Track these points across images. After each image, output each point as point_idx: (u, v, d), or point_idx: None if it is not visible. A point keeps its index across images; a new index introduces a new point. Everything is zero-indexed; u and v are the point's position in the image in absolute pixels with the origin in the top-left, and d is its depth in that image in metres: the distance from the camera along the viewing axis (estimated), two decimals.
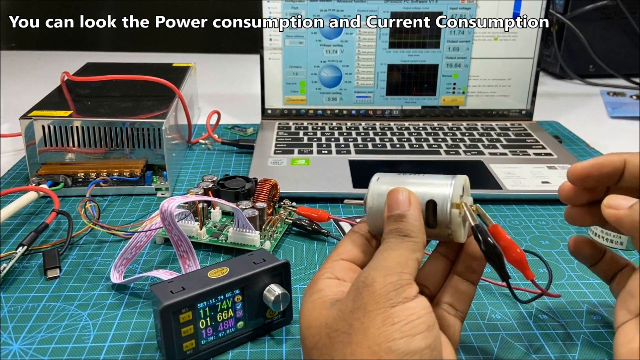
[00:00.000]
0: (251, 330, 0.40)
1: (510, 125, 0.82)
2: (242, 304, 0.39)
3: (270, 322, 0.41)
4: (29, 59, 1.32)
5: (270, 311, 0.40)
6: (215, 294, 0.37)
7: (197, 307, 0.36)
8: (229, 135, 0.81)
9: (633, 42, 1.14)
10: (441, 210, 0.33)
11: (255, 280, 0.39)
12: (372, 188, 0.35)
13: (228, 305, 0.38)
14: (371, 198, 0.35)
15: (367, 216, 0.35)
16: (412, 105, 0.83)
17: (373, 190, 0.35)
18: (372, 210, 0.35)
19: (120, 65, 0.86)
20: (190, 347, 0.37)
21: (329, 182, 0.63)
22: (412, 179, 0.35)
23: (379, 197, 0.35)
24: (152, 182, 0.62)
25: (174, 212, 0.42)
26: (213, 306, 0.37)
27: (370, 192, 0.35)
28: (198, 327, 0.37)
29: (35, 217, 0.57)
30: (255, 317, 0.40)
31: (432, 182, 0.34)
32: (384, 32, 0.79)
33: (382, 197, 0.35)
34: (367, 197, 0.35)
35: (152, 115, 0.62)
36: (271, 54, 0.80)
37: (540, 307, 0.44)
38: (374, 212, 0.35)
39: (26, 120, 0.60)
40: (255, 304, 0.39)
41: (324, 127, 0.80)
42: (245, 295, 0.39)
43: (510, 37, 0.80)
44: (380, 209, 0.34)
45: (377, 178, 0.36)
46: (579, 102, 1.04)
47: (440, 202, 0.33)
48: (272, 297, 0.39)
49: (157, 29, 1.42)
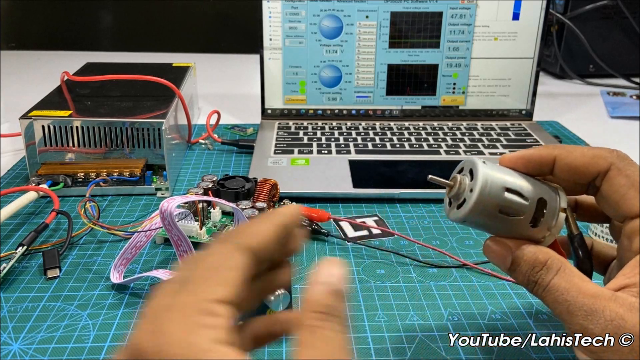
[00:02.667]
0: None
1: (511, 125, 0.82)
2: None
3: None
4: (29, 58, 1.32)
5: (269, 311, 0.40)
6: None
7: None
8: (229, 135, 0.81)
9: (633, 42, 1.14)
10: (551, 210, 0.32)
11: None
12: (482, 171, 0.30)
13: None
14: (484, 184, 0.30)
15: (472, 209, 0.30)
16: (412, 105, 0.83)
17: (486, 175, 0.30)
18: (483, 200, 0.30)
19: (120, 65, 0.86)
20: None
21: (329, 182, 0.63)
22: (518, 174, 0.32)
23: (496, 187, 0.30)
24: (152, 182, 0.62)
25: (173, 212, 0.42)
26: None
27: (483, 176, 0.30)
28: None
29: (35, 217, 0.57)
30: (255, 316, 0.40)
31: (541, 184, 0.33)
32: (384, 32, 0.79)
33: (499, 189, 0.30)
34: (479, 181, 0.30)
35: (152, 115, 0.62)
36: (271, 54, 0.80)
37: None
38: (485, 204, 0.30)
39: (26, 120, 0.60)
40: None
41: (324, 127, 0.80)
42: None
43: (510, 37, 0.80)
44: (493, 203, 0.30)
45: (483, 161, 0.32)
46: (579, 102, 1.04)
47: (551, 202, 0.32)
48: (272, 296, 0.39)
49: (157, 29, 1.42)
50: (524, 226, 0.32)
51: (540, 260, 0.31)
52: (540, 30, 0.80)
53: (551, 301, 0.30)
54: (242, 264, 0.25)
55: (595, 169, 0.32)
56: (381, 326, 0.42)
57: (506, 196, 0.31)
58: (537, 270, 0.30)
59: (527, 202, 0.31)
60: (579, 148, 0.33)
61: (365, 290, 0.46)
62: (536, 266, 0.31)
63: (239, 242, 0.26)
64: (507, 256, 0.32)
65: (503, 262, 0.32)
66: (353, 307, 0.44)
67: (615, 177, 0.31)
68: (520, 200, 0.31)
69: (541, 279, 0.30)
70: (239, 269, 0.25)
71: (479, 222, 0.32)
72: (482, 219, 0.31)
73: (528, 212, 0.31)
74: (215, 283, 0.24)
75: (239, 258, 0.25)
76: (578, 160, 0.32)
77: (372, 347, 0.40)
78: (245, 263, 0.25)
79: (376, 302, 0.45)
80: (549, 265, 0.30)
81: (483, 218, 0.31)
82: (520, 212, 0.31)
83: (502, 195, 0.30)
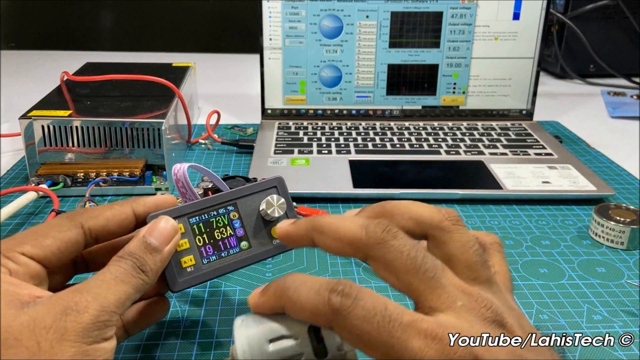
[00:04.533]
0: (258, 252, 0.38)
1: (511, 125, 0.82)
2: (240, 222, 0.38)
3: (278, 242, 0.39)
4: (28, 58, 1.32)
5: (274, 230, 0.38)
6: (206, 209, 0.37)
7: (190, 221, 0.36)
8: (229, 135, 0.81)
9: (633, 42, 1.14)
10: (326, 331, 0.28)
11: (249, 196, 0.38)
12: (237, 333, 0.29)
13: (224, 223, 0.37)
14: (242, 348, 0.28)
15: None
16: (412, 105, 0.83)
17: (242, 336, 0.29)
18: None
19: (120, 65, 0.86)
20: (190, 264, 0.36)
21: (329, 182, 0.63)
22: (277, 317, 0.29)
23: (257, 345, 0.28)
24: (152, 182, 0.62)
25: (186, 172, 0.39)
26: (207, 222, 0.37)
27: (239, 339, 0.29)
28: (195, 243, 0.36)
29: (35, 217, 0.57)
30: (260, 237, 0.38)
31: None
32: (384, 32, 0.79)
33: (262, 344, 0.28)
34: (237, 348, 0.28)
35: (151, 115, 0.62)
36: (271, 53, 0.80)
37: (541, 307, 0.44)
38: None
39: (26, 120, 0.60)
40: (256, 222, 0.38)
41: (324, 127, 0.80)
42: (240, 211, 0.38)
43: (510, 37, 0.80)
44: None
45: (241, 320, 0.30)
46: (579, 102, 1.04)
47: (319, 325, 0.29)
48: (264, 203, 0.38)
49: (157, 29, 1.42)
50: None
51: None
52: (541, 30, 0.80)
53: None
54: (67, 238, 0.32)
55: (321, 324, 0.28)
56: None
57: (273, 348, 0.28)
58: None
59: (297, 341, 0.28)
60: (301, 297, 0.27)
61: None
62: None
63: (81, 222, 0.33)
64: None
65: None
66: None
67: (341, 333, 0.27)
68: (290, 343, 0.28)
69: None
70: (62, 241, 0.32)
71: None
72: None
73: (306, 348, 0.28)
74: (31, 243, 0.31)
75: (69, 233, 0.32)
76: (302, 315, 0.28)
77: None
78: (72, 238, 0.32)
79: None
80: None
81: None
82: (298, 352, 0.28)
83: (268, 349, 0.28)
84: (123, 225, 0.34)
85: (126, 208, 0.34)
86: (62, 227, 0.32)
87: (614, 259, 0.51)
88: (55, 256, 0.32)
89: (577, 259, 0.51)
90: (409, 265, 0.27)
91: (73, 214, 0.34)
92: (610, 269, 0.50)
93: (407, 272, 0.27)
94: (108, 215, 0.34)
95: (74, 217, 0.33)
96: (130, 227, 0.35)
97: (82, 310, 0.27)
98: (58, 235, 0.32)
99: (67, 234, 0.32)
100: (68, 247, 0.32)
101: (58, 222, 0.33)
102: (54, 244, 0.32)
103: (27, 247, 0.31)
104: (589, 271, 0.49)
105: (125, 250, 0.32)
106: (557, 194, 0.62)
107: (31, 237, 0.32)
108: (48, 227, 0.32)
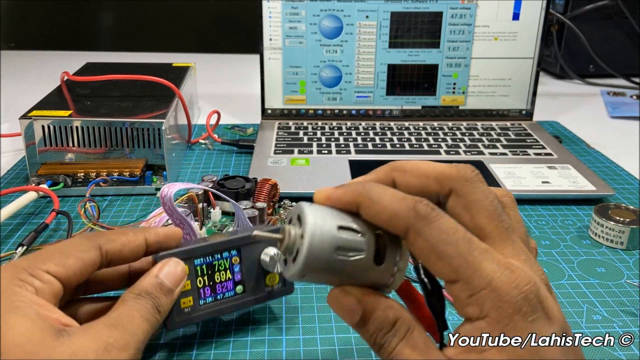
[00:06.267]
0: (252, 297, 0.40)
1: (511, 125, 0.82)
2: (240, 267, 0.39)
3: (270, 290, 0.40)
4: (28, 59, 1.32)
5: (270, 277, 0.40)
6: (212, 252, 0.38)
7: (194, 263, 0.37)
8: (229, 135, 0.81)
9: (633, 42, 1.14)
10: (391, 243, 0.29)
11: (252, 244, 0.39)
12: (310, 213, 0.28)
13: (226, 266, 0.38)
14: (314, 226, 0.27)
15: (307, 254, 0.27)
16: (412, 105, 0.83)
17: (315, 216, 0.28)
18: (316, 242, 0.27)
19: (120, 65, 0.86)
20: (188, 305, 0.37)
21: (329, 182, 0.63)
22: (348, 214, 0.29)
23: (327, 226, 0.27)
24: (152, 182, 0.62)
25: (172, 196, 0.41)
26: (210, 265, 0.38)
27: (312, 218, 0.27)
28: (196, 284, 0.37)
29: (35, 217, 0.57)
30: (255, 283, 0.40)
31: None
32: (384, 32, 0.79)
33: (331, 228, 0.27)
34: (308, 224, 0.27)
35: (152, 115, 0.62)
36: (271, 54, 0.80)
37: None
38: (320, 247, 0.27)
39: (26, 120, 0.60)
40: (254, 269, 0.39)
41: (324, 127, 0.80)
42: (242, 257, 0.39)
43: (510, 37, 0.80)
44: (328, 244, 0.27)
45: (309, 203, 0.29)
46: (579, 102, 1.04)
47: (389, 235, 0.28)
48: (268, 257, 0.39)
49: (157, 29, 1.42)
50: (368, 266, 0.28)
51: (389, 320, 0.28)
52: (541, 30, 0.80)
53: None
54: (88, 258, 0.32)
55: (393, 229, 0.27)
56: None
57: (341, 235, 0.27)
58: (385, 332, 0.28)
59: (364, 238, 0.28)
60: (382, 199, 0.27)
61: None
62: (384, 327, 0.28)
63: (100, 244, 0.33)
64: (355, 310, 0.28)
65: (351, 317, 0.28)
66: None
67: (414, 242, 0.27)
68: (356, 237, 0.28)
69: (387, 344, 0.27)
70: (84, 261, 0.32)
71: (320, 270, 0.28)
72: (322, 265, 0.27)
73: (368, 249, 0.28)
74: (55, 261, 0.31)
75: (90, 254, 0.32)
76: (377, 218, 0.28)
77: None
78: (92, 259, 0.32)
79: None
80: (398, 328, 0.27)
81: (323, 264, 0.27)
82: (360, 249, 0.28)
83: (336, 234, 0.27)
84: (135, 252, 0.35)
85: (140, 236, 0.35)
86: (82, 246, 0.32)
87: (613, 259, 0.51)
88: (75, 276, 0.31)
89: (576, 259, 0.51)
90: (491, 210, 0.28)
91: (92, 236, 0.33)
92: (610, 269, 0.50)
93: (488, 215, 0.28)
94: (124, 241, 0.34)
95: (93, 239, 0.33)
96: (141, 254, 0.35)
97: (122, 349, 0.28)
98: (80, 255, 0.32)
99: (88, 254, 0.32)
100: (87, 268, 0.32)
101: (78, 242, 0.33)
102: (75, 264, 0.31)
103: (52, 265, 0.30)
104: (589, 271, 0.50)
105: (142, 288, 0.32)
106: (557, 194, 0.62)
107: (55, 255, 0.31)
108: (69, 246, 0.32)
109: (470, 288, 0.26)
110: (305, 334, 0.41)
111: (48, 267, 0.30)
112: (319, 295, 0.45)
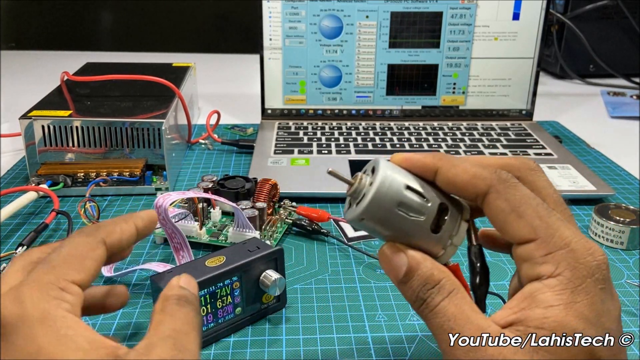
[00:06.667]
0: (249, 316, 0.41)
1: (511, 125, 0.82)
2: (239, 290, 0.40)
3: (266, 307, 0.42)
4: (28, 58, 1.32)
5: (266, 296, 0.42)
6: (215, 282, 0.38)
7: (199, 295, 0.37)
8: (229, 135, 0.81)
9: (633, 42, 1.14)
10: (452, 217, 0.30)
11: (252, 267, 0.40)
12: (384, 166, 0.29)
13: (227, 292, 0.39)
14: (384, 177, 0.28)
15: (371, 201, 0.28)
16: (412, 105, 0.83)
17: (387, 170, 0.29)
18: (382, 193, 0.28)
19: (120, 65, 0.86)
20: None
21: (329, 182, 0.63)
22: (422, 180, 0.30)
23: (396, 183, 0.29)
24: (152, 182, 0.62)
25: (167, 207, 0.42)
26: (213, 293, 0.38)
27: (384, 170, 0.29)
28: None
29: (35, 217, 0.57)
30: (252, 303, 0.41)
31: (444, 193, 0.31)
32: (384, 32, 0.79)
33: (399, 185, 0.29)
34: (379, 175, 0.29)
35: (152, 115, 0.62)
36: (271, 54, 0.80)
37: None
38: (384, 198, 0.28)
39: (26, 120, 0.60)
40: (252, 290, 0.41)
41: (324, 127, 0.80)
42: (242, 281, 0.40)
43: (510, 37, 0.80)
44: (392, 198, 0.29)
45: (386, 160, 0.30)
46: (579, 102, 1.04)
47: (452, 209, 0.30)
48: (269, 282, 0.40)
49: (157, 29, 1.42)
50: (424, 230, 0.29)
51: (434, 278, 0.28)
52: (541, 30, 0.80)
53: (435, 326, 0.28)
54: (99, 257, 0.30)
55: (473, 190, 0.29)
56: (381, 326, 0.42)
57: (406, 193, 0.29)
58: (429, 287, 0.28)
59: (428, 204, 0.29)
60: (463, 163, 0.29)
61: (365, 290, 0.46)
62: (429, 283, 0.28)
63: (103, 238, 0.31)
64: (401, 266, 0.29)
65: (396, 271, 0.29)
66: (353, 307, 0.44)
67: (494, 201, 0.28)
68: (421, 200, 0.29)
69: (430, 299, 0.28)
70: (97, 261, 0.30)
71: (378, 219, 0.29)
72: (382, 214, 0.28)
73: (429, 214, 0.29)
74: (75, 268, 0.28)
75: (99, 252, 0.30)
76: (458, 177, 0.29)
77: (372, 347, 0.40)
78: (102, 257, 0.30)
79: (376, 302, 0.45)
80: (442, 285, 0.28)
81: (382, 213, 0.28)
82: (421, 212, 0.29)
83: (402, 191, 0.29)
84: (130, 241, 0.33)
85: (130, 223, 0.33)
86: (91, 245, 0.30)
87: (613, 259, 0.51)
88: (93, 278, 0.29)
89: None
90: (555, 197, 0.30)
91: (92, 231, 0.31)
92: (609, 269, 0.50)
93: (553, 201, 0.30)
94: (120, 230, 0.32)
95: (95, 234, 0.30)
96: (133, 241, 0.33)
97: None
98: (93, 255, 0.29)
99: (98, 252, 0.30)
100: (99, 267, 0.30)
101: (85, 241, 0.30)
102: (92, 266, 0.29)
103: (74, 273, 0.28)
104: None
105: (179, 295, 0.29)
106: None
107: (72, 260, 0.28)
108: (80, 247, 0.29)
109: (547, 247, 0.27)
110: (305, 334, 0.41)
111: (73, 277, 0.28)
112: (319, 295, 0.45)
